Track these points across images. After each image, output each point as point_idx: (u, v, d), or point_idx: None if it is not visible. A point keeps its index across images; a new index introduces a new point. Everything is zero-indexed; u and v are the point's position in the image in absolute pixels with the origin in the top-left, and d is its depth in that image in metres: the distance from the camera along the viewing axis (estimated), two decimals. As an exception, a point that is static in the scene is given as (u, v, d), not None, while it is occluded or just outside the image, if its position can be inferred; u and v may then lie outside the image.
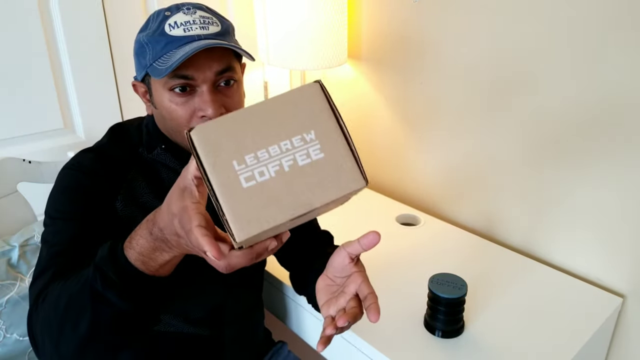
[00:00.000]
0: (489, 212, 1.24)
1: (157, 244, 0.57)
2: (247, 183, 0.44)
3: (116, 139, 0.83)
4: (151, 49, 0.73)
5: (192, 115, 0.75)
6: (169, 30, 0.72)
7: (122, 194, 0.77)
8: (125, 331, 0.64)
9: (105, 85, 1.25)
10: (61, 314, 0.62)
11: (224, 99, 0.76)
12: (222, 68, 0.74)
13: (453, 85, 1.22)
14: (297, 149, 0.45)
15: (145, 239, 0.58)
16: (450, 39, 1.19)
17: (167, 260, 0.59)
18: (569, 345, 0.89)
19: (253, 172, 0.45)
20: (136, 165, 0.80)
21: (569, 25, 0.98)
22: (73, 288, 0.63)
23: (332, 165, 0.46)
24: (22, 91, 1.12)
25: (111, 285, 0.59)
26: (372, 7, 1.35)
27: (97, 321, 0.61)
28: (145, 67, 0.74)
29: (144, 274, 0.59)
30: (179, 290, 0.81)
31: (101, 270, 0.60)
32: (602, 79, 0.96)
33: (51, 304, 0.64)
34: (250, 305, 0.96)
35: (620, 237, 1.02)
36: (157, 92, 0.76)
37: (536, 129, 1.09)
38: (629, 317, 1.05)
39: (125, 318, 0.62)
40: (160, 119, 0.80)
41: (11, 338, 0.92)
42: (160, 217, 0.56)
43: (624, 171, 0.98)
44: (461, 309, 0.90)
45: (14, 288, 0.94)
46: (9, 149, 1.13)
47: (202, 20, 0.74)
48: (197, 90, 0.74)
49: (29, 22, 1.10)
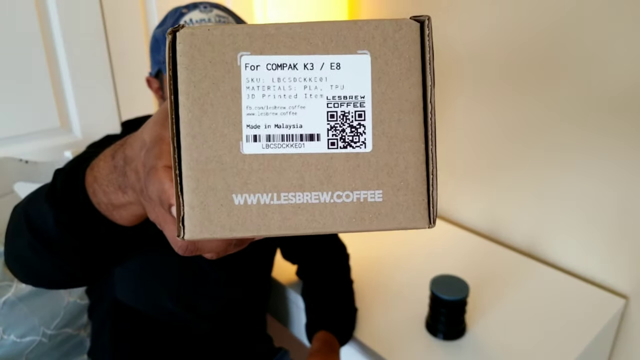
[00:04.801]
0: (491, 213, 1.24)
1: (113, 176, 0.43)
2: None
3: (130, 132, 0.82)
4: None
5: None
6: None
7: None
8: (61, 259, 0.52)
9: (103, 85, 1.24)
10: (13, 217, 0.55)
11: None
12: None
13: (453, 85, 1.21)
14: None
15: (105, 162, 0.45)
16: (450, 39, 1.18)
17: (120, 202, 0.44)
18: (572, 347, 0.88)
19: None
20: None
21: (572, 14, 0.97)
22: (35, 192, 0.53)
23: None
24: (18, 90, 1.11)
25: (52, 198, 0.48)
26: (372, 6, 1.34)
27: (31, 240, 0.51)
28: (159, 63, 0.75)
29: (91, 205, 0.46)
30: (183, 280, 0.81)
31: (54, 177, 0.50)
32: (605, 79, 0.95)
33: (16, 207, 0.56)
34: (253, 306, 0.95)
35: (624, 238, 1.01)
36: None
37: (537, 129, 1.08)
38: (632, 319, 1.04)
39: (59, 245, 0.50)
40: None
41: (8, 339, 0.91)
42: (131, 143, 0.40)
43: (629, 171, 0.97)
44: (463, 310, 0.89)
45: (11, 289, 0.93)
46: (5, 149, 1.12)
47: (218, 19, 0.75)
48: None
49: (25, 21, 1.09)
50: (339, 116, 0.27)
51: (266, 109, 0.27)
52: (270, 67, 0.27)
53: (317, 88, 0.27)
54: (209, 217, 0.27)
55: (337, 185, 0.27)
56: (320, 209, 0.28)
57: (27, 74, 1.12)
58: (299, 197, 0.27)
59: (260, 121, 0.27)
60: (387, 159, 0.27)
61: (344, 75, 0.27)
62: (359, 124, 0.27)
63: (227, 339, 0.89)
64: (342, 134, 0.27)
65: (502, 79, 1.11)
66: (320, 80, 0.27)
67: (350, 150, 0.27)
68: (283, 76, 0.27)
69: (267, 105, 0.27)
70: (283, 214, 0.28)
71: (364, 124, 0.27)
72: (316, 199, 0.27)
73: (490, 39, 1.10)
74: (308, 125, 0.27)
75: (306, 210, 0.28)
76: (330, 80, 0.27)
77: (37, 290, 0.93)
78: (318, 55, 0.27)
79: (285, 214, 0.28)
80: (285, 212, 0.28)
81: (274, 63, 0.27)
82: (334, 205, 0.28)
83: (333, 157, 0.27)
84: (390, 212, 0.28)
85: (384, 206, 0.28)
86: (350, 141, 0.27)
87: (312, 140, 0.27)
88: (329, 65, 0.27)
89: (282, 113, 0.27)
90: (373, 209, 0.28)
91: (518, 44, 1.06)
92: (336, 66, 0.27)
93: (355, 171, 0.27)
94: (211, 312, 0.86)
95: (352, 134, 0.27)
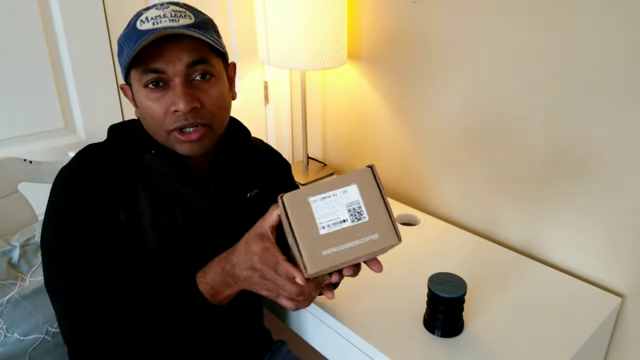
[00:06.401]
0: (488, 212, 1.24)
1: (226, 278, 0.72)
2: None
3: (115, 142, 0.82)
4: (126, 47, 0.73)
5: (167, 111, 0.74)
6: (140, 25, 0.72)
7: (124, 204, 0.76)
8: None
9: (106, 85, 1.25)
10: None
11: (199, 94, 0.74)
12: (192, 60, 0.72)
13: (453, 85, 1.22)
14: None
15: (218, 274, 0.73)
16: (450, 39, 1.19)
17: (230, 293, 0.75)
18: (568, 345, 0.89)
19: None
20: (132, 172, 0.79)
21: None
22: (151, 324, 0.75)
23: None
24: (22, 91, 1.13)
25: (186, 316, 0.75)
26: (371, 7, 1.35)
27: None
28: (123, 66, 0.74)
29: (209, 303, 0.74)
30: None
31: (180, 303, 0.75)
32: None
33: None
34: (248, 306, 0.96)
35: (620, 237, 1.02)
36: (136, 91, 0.75)
37: (538, 128, 1.09)
38: (628, 317, 1.05)
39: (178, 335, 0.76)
40: (142, 119, 0.79)
41: (12, 337, 0.92)
42: (236, 255, 0.71)
43: (623, 171, 0.98)
44: (460, 308, 0.90)
45: (15, 287, 0.94)
46: (9, 149, 1.13)
47: (173, 13, 0.73)
48: (170, 84, 0.73)
49: (29, 22, 1.10)
50: (353, 210, 0.62)
51: (326, 214, 0.62)
52: (322, 198, 0.62)
53: (341, 201, 0.62)
54: (315, 262, 0.61)
55: (360, 235, 0.62)
56: (358, 248, 0.61)
57: (31, 75, 1.13)
58: (349, 245, 0.61)
59: (324, 219, 0.62)
60: (374, 220, 0.62)
61: (349, 194, 0.63)
62: (360, 211, 0.62)
63: (224, 331, 0.90)
64: (355, 216, 0.62)
65: (503, 76, 1.12)
66: (342, 198, 0.62)
67: (360, 221, 0.62)
68: (328, 200, 0.62)
69: (326, 213, 0.62)
70: (344, 254, 0.61)
71: (362, 210, 0.62)
72: (355, 244, 0.61)
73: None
74: (342, 216, 0.62)
75: (353, 250, 0.61)
76: (345, 197, 0.62)
77: (41, 288, 0.95)
78: (337, 189, 0.62)
79: (345, 254, 0.61)
80: (344, 253, 0.61)
81: (322, 196, 0.62)
82: (362, 245, 0.62)
83: (355, 225, 0.62)
84: (382, 241, 0.62)
85: (380, 240, 0.62)
86: (359, 218, 0.62)
87: (345, 222, 0.62)
88: (343, 191, 0.63)
89: (331, 214, 0.62)
90: (376, 242, 0.62)
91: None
92: (345, 191, 0.63)
93: (364, 228, 0.62)
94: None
95: (359, 215, 0.62)
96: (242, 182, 0.89)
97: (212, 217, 0.83)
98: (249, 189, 0.89)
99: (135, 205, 0.77)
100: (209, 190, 0.83)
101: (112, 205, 0.76)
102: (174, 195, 0.80)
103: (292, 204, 0.62)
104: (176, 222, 0.80)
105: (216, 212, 0.83)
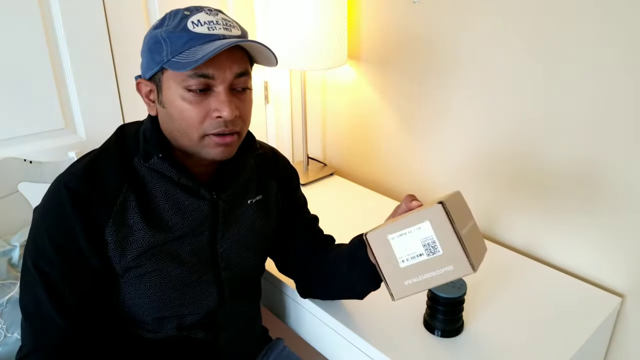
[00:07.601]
0: (489, 212, 1.24)
1: None
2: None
3: (115, 147, 0.80)
4: (170, 45, 0.71)
5: (206, 115, 0.73)
6: (192, 27, 0.71)
7: (113, 219, 0.75)
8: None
9: (106, 85, 1.25)
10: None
11: (238, 103, 0.75)
12: (241, 71, 0.74)
13: (453, 86, 1.22)
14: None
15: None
16: (450, 39, 1.19)
17: None
18: (569, 344, 0.89)
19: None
20: (128, 182, 0.77)
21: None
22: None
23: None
24: (22, 91, 1.13)
25: None
26: (372, 7, 1.35)
27: None
28: (161, 63, 0.72)
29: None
30: (173, 298, 0.81)
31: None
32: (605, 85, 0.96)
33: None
34: (246, 311, 0.96)
35: (620, 237, 1.02)
36: (170, 90, 0.73)
37: (537, 128, 1.09)
38: (628, 317, 1.05)
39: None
40: (167, 120, 0.76)
41: (12, 337, 0.92)
42: None
43: (624, 173, 0.98)
44: (460, 308, 0.90)
45: (15, 287, 0.94)
46: (10, 149, 1.13)
47: (225, 22, 0.74)
48: (213, 90, 0.73)
49: (29, 22, 1.10)
50: (428, 244, 0.66)
51: (404, 249, 0.68)
52: (399, 235, 0.68)
53: (416, 237, 0.67)
54: (399, 291, 0.70)
55: (436, 267, 0.66)
56: (435, 278, 0.67)
57: (32, 75, 1.13)
58: (427, 275, 0.67)
59: (403, 254, 0.68)
60: (448, 253, 0.65)
61: (424, 231, 0.66)
62: (434, 245, 0.66)
63: (222, 342, 0.90)
64: (430, 250, 0.66)
65: (504, 76, 1.12)
66: (417, 234, 0.67)
67: (435, 255, 0.66)
68: (405, 237, 0.68)
69: (404, 248, 0.68)
70: (422, 283, 0.68)
71: (436, 245, 0.66)
72: (432, 275, 0.67)
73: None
74: (418, 250, 0.67)
75: (431, 280, 0.67)
76: (420, 233, 0.66)
77: (41, 288, 0.95)
78: (412, 227, 0.67)
79: (423, 283, 0.68)
80: (423, 282, 0.68)
81: (400, 233, 0.68)
82: (438, 275, 0.67)
83: (431, 259, 0.66)
84: (456, 272, 0.65)
85: (454, 271, 0.65)
86: (433, 252, 0.66)
87: (421, 256, 0.67)
88: (417, 228, 0.66)
89: (409, 249, 0.67)
90: (451, 273, 0.66)
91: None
92: (419, 228, 0.66)
93: (439, 261, 0.66)
94: (199, 324, 0.87)
95: (433, 250, 0.66)
96: (244, 188, 0.88)
97: (211, 223, 0.83)
98: (251, 195, 0.89)
99: (125, 218, 0.76)
100: (211, 196, 0.82)
101: (99, 226, 0.74)
102: (172, 202, 0.79)
103: (374, 242, 0.70)
104: (170, 230, 0.79)
105: (215, 218, 0.83)
